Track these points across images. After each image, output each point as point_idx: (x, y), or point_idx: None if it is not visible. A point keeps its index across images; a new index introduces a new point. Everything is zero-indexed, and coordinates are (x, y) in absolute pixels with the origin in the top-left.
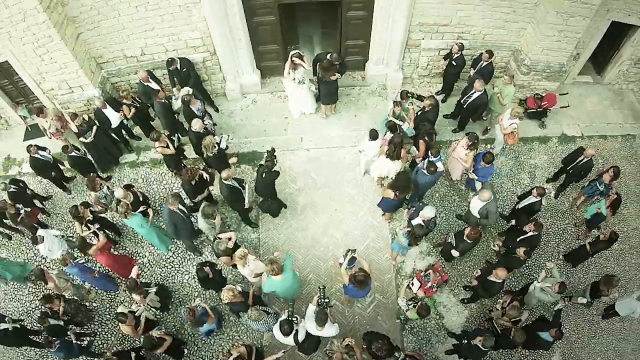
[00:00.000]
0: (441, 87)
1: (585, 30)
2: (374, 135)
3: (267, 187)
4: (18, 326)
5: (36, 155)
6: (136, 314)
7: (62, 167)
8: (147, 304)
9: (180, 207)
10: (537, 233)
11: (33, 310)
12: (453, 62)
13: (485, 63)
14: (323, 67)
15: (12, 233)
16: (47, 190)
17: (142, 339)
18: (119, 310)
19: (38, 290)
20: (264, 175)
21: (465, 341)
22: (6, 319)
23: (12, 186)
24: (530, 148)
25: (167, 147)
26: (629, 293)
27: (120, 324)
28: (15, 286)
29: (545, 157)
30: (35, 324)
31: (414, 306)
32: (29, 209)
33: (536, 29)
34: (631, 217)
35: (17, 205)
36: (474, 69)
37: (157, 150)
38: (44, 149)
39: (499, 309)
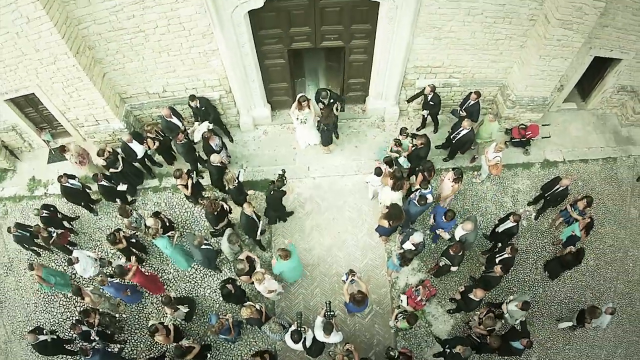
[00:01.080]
0: (433, 124)
1: (568, 67)
2: (378, 173)
3: (275, 203)
4: (55, 337)
5: (67, 184)
6: (166, 325)
7: (89, 192)
8: (173, 316)
9: (205, 242)
10: (512, 256)
11: (64, 321)
12: (430, 102)
13: (472, 102)
14: (323, 115)
15: (42, 250)
16: (74, 211)
17: (172, 348)
18: (151, 323)
19: (68, 302)
20: (272, 193)
21: (448, 349)
22: (44, 331)
23: (45, 211)
24: (514, 174)
25: (186, 186)
26: (600, 305)
27: (154, 334)
28: (47, 299)
29: (528, 182)
30: (67, 333)
31: (404, 317)
32: (60, 231)
33: (521, 69)
34: (607, 235)
35: (49, 229)
36: (462, 107)
37: (178, 187)
38: (73, 177)
39: (476, 319)
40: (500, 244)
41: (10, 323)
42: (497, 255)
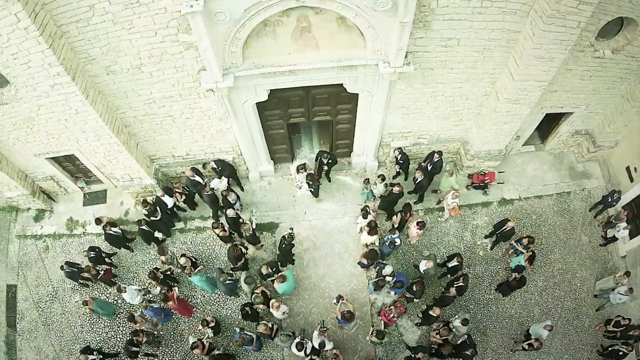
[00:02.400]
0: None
1: (520, 126)
2: (364, 215)
3: (286, 254)
4: (101, 356)
5: (110, 232)
6: (202, 340)
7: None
8: (204, 333)
9: (229, 278)
10: (464, 284)
11: (109, 339)
12: (400, 162)
13: (436, 159)
14: (311, 177)
15: (89, 282)
16: (112, 248)
17: (207, 358)
18: (191, 339)
19: (111, 324)
20: (284, 246)
21: (413, 354)
22: (94, 352)
23: (92, 252)
24: (474, 212)
25: (224, 230)
26: (542, 320)
27: (194, 348)
28: (92, 322)
29: (486, 218)
30: (111, 349)
31: (375, 334)
32: (105, 268)
33: (478, 131)
34: (557, 260)
35: (97, 267)
36: (426, 161)
37: (217, 234)
38: (114, 225)
39: (433, 332)
40: (450, 274)
41: (58, 342)
42: (454, 283)
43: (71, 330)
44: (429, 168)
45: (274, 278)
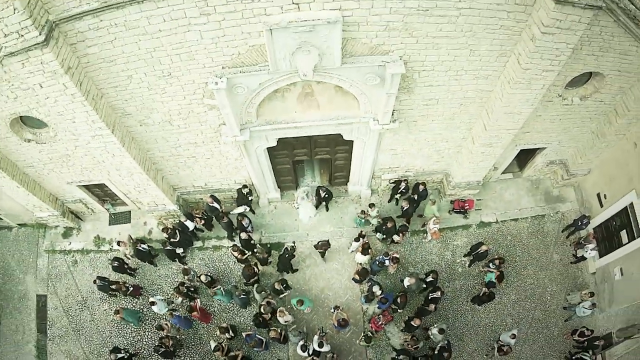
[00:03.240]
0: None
1: (495, 161)
2: (357, 239)
3: (284, 263)
4: (127, 354)
5: (139, 248)
6: (222, 344)
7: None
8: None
9: (243, 293)
10: (439, 296)
11: (135, 343)
12: (404, 191)
13: (421, 189)
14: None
15: (117, 294)
16: (137, 263)
17: (226, 357)
18: (213, 344)
19: (137, 330)
20: (286, 256)
21: (397, 356)
22: (122, 351)
23: (115, 262)
24: (454, 233)
25: (242, 253)
26: (511, 329)
27: (216, 351)
28: (119, 328)
29: (466, 239)
30: (135, 349)
31: (364, 338)
32: (133, 285)
33: (458, 166)
34: (529, 276)
35: (126, 284)
36: (413, 192)
37: (235, 256)
38: (143, 242)
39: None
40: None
41: (88, 346)
42: (430, 294)
43: (100, 335)
44: (415, 198)
45: (285, 294)
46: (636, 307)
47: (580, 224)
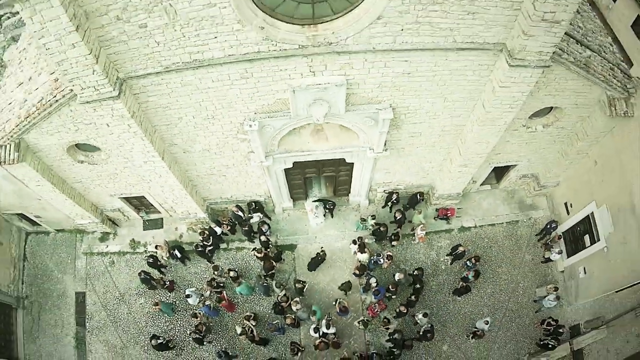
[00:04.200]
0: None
1: (472, 176)
2: (354, 242)
3: (314, 264)
4: (163, 341)
5: (173, 252)
6: (246, 328)
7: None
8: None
9: (265, 282)
10: (420, 287)
11: (169, 331)
12: (395, 202)
13: (413, 196)
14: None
15: (157, 286)
16: (170, 262)
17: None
18: (239, 329)
19: (170, 320)
20: (319, 258)
21: (389, 336)
22: (160, 337)
23: (150, 259)
24: (439, 236)
25: (261, 252)
26: (485, 316)
27: (242, 335)
28: (155, 317)
29: (448, 241)
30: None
31: (361, 322)
32: (170, 280)
33: (440, 181)
34: (503, 273)
35: (164, 279)
36: (409, 201)
37: (257, 256)
38: (174, 248)
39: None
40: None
41: (125, 335)
42: (414, 286)
43: (136, 325)
44: (407, 206)
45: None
46: (602, 301)
47: (549, 227)
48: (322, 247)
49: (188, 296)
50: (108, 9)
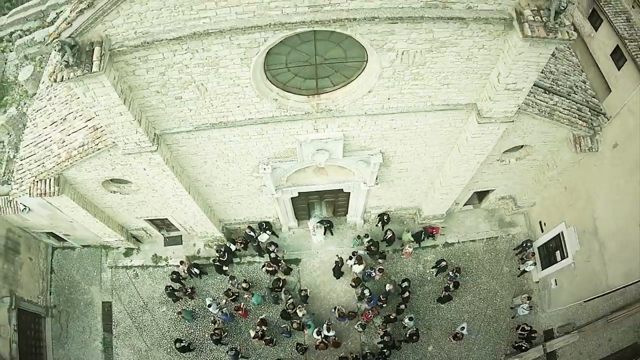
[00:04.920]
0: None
1: (455, 198)
2: (350, 257)
3: (338, 271)
4: (186, 344)
5: (192, 270)
6: (259, 333)
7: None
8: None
9: (275, 293)
10: (408, 296)
11: (189, 334)
12: (386, 222)
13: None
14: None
15: (181, 296)
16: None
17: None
18: (252, 332)
19: (190, 325)
20: (339, 265)
21: (382, 337)
22: (183, 340)
23: (173, 274)
24: (426, 251)
25: (271, 267)
26: (465, 321)
27: (255, 338)
28: (177, 323)
29: (434, 256)
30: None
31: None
32: (191, 289)
33: (426, 204)
34: (483, 283)
35: (187, 288)
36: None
37: (266, 270)
38: (193, 266)
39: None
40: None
41: (149, 339)
42: (402, 296)
43: (159, 331)
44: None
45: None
46: (574, 308)
47: (524, 245)
48: (337, 255)
49: (210, 305)
50: (149, 85)
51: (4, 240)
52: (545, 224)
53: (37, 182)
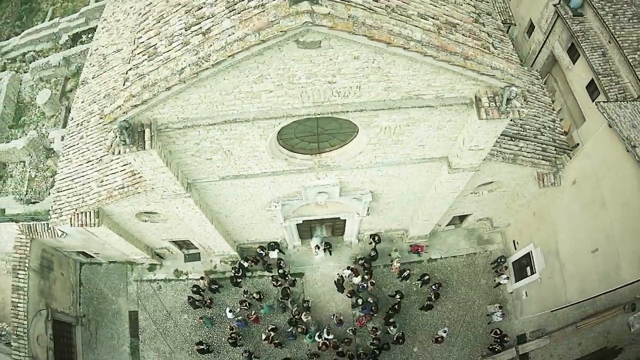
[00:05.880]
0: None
1: (437, 222)
2: (346, 269)
3: (340, 285)
4: (206, 347)
5: (211, 285)
6: (270, 336)
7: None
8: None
9: (283, 304)
10: (399, 305)
11: (208, 338)
12: (377, 242)
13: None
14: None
15: (200, 305)
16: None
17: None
18: (264, 335)
19: (210, 330)
20: (340, 281)
21: (373, 340)
22: (203, 343)
23: (194, 287)
24: (412, 266)
25: (277, 282)
26: (445, 327)
27: (265, 340)
28: (197, 329)
29: (419, 270)
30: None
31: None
32: (210, 299)
33: (412, 227)
34: (462, 293)
35: (206, 299)
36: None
37: (274, 284)
38: (213, 282)
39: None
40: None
41: (173, 343)
42: (394, 306)
43: (181, 335)
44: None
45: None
46: (545, 316)
47: (499, 261)
48: (338, 274)
49: (231, 311)
50: (186, 151)
51: (40, 260)
52: (518, 243)
53: (78, 214)
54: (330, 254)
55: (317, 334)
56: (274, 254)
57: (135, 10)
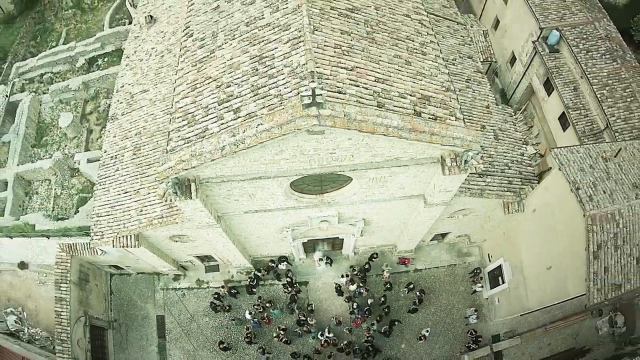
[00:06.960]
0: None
1: (421, 238)
2: (342, 276)
3: (339, 292)
4: (227, 345)
5: (230, 291)
6: (280, 335)
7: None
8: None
9: (291, 306)
10: (388, 309)
11: (231, 335)
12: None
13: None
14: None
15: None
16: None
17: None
18: (274, 334)
19: (235, 329)
20: (339, 288)
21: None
22: (224, 342)
23: (215, 294)
24: (400, 275)
25: (287, 289)
26: (427, 327)
27: (275, 338)
28: (221, 329)
29: (406, 279)
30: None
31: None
32: (228, 305)
33: (399, 243)
34: (443, 298)
35: (226, 304)
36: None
37: (284, 291)
38: (231, 289)
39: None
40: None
41: (196, 342)
42: (384, 310)
43: (203, 336)
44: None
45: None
46: (518, 319)
47: (476, 271)
48: (335, 283)
49: (250, 313)
50: (219, 195)
51: (78, 274)
52: (492, 256)
53: (120, 237)
54: (331, 265)
55: (320, 332)
56: (282, 266)
57: (157, 52)
